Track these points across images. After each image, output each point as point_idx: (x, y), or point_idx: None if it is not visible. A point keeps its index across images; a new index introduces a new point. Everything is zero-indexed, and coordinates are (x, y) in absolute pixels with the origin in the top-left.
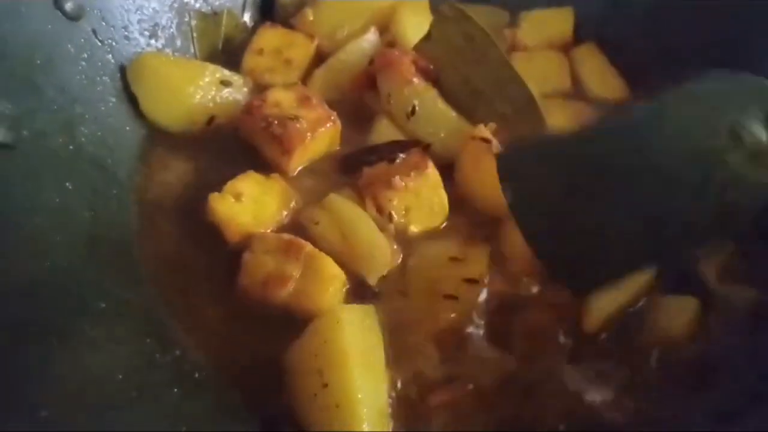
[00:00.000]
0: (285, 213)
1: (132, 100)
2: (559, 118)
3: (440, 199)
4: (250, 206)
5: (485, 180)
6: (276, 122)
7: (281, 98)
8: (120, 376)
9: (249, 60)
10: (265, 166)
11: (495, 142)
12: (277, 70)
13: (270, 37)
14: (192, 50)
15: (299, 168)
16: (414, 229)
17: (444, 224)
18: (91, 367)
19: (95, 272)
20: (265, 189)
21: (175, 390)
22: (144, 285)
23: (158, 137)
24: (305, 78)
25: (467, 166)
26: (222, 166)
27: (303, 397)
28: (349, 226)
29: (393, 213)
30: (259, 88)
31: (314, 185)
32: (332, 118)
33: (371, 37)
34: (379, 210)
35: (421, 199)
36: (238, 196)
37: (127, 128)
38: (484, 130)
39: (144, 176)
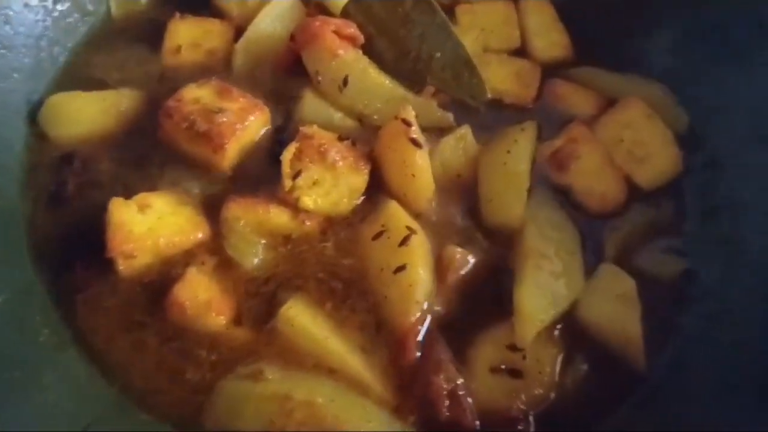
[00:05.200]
0: (186, 239)
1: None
2: (500, 75)
3: (350, 199)
4: (150, 220)
5: (394, 162)
6: (199, 119)
7: (199, 94)
8: None
9: (168, 60)
10: (195, 168)
11: (415, 127)
12: (202, 63)
13: (183, 31)
14: (105, 9)
15: (233, 163)
16: (307, 202)
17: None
18: None
19: None
20: (176, 210)
21: None
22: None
23: None
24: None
25: (381, 145)
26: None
27: None
28: None
29: (301, 176)
30: None
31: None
32: (258, 105)
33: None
34: (294, 168)
35: (337, 185)
36: (143, 208)
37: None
38: (408, 112)
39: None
